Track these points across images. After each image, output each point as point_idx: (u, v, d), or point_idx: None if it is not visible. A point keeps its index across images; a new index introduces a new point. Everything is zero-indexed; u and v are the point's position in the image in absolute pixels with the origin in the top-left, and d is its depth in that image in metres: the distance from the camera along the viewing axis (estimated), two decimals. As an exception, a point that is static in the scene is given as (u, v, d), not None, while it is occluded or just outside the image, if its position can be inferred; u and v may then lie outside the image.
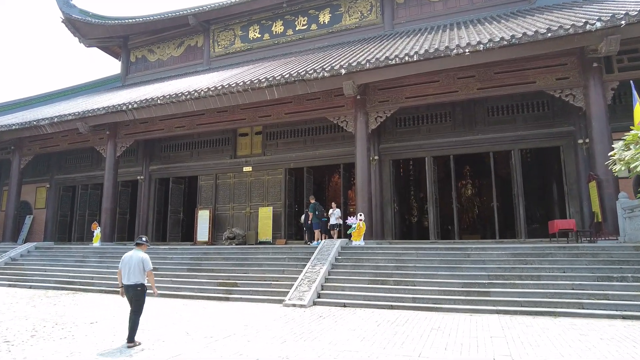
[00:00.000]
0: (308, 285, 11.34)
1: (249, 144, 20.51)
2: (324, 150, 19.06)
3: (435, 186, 17.82)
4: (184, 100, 17.44)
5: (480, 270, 11.26)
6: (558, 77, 14.81)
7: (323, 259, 12.51)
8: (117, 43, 26.74)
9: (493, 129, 17.22)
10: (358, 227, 15.41)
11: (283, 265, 13.34)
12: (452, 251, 12.34)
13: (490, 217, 24.59)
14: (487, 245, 12.59)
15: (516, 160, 16.85)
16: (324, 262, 12.38)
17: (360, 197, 16.28)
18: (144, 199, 21.57)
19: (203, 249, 15.70)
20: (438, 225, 17.72)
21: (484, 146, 17.31)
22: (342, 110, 17.03)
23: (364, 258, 12.76)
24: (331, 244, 13.47)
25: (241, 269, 13.37)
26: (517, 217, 16.74)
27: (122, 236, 22.27)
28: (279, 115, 17.89)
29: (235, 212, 20.12)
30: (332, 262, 12.64)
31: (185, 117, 19.25)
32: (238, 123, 18.55)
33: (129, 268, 7.38)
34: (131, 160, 22.53)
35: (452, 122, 17.80)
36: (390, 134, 18.40)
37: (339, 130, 19.00)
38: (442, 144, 17.64)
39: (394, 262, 12.31)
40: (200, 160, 21.13)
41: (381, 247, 13.55)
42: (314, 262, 12.45)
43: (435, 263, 11.92)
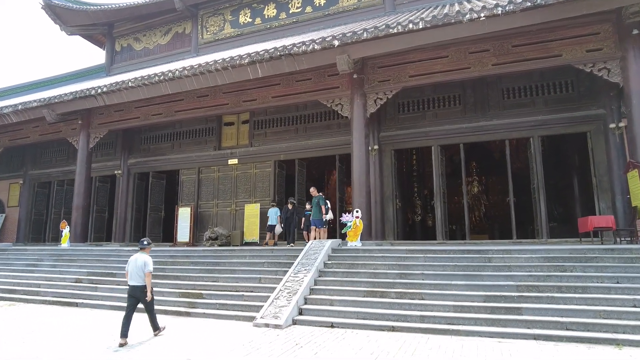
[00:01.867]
0: (287, 299, 8.57)
1: (235, 134, 17.77)
2: (317, 140, 16.29)
3: (442, 179, 15.02)
4: (157, 82, 14.76)
5: (507, 279, 8.48)
6: (589, 48, 12.03)
7: (308, 265, 9.75)
8: (101, 31, 24.06)
9: (509, 114, 14.40)
10: (354, 225, 12.68)
11: (260, 271, 10.60)
12: (467, 254, 9.56)
13: (499, 216, 22.11)
14: (511, 247, 9.76)
15: (536, 148, 14.04)
16: (309, 268, 9.62)
17: (357, 192, 13.51)
18: (122, 195, 18.87)
19: (173, 252, 12.98)
20: (446, 223, 14.90)
21: (499, 133, 14.50)
22: (337, 92, 14.28)
23: (360, 263, 9.99)
24: (320, 246, 10.70)
25: (211, 276, 10.64)
26: (537, 214, 13.95)
27: (99, 236, 19.57)
28: (265, 99, 15.15)
29: (219, 209, 17.37)
30: (320, 268, 9.90)
31: (163, 104, 16.56)
32: (220, 109, 15.82)
33: (133, 270, 7.70)
34: (110, 154, 19.85)
35: (462, 106, 15.00)
36: (392, 120, 15.62)
37: (334, 117, 16.27)
38: (450, 131, 14.83)
39: (396, 269, 9.54)
40: (182, 152, 18.42)
41: (381, 249, 10.77)
42: (297, 269, 9.70)
43: (448, 270, 9.15)
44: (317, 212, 13.51)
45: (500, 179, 21.90)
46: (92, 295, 11.10)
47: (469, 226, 14.96)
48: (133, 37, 23.87)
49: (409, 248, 10.34)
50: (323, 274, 9.78)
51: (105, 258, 13.33)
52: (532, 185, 14.32)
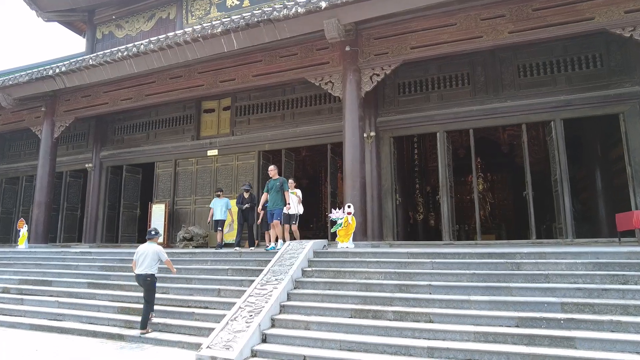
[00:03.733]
0: (247, 320, 6.05)
1: (215, 122, 15.27)
2: (306, 127, 13.76)
3: (449, 170, 12.50)
4: (120, 58, 12.30)
5: (545, 293, 5.97)
6: (628, 9, 9.50)
7: (281, 273, 7.23)
8: (81, 18, 21.58)
9: (526, 94, 11.86)
10: (345, 223, 10.19)
11: (221, 281, 8.10)
12: (488, 259, 7.02)
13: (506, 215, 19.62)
14: (544, 250, 7.16)
15: (558, 133, 11.50)
16: (281, 277, 7.10)
17: (349, 183, 10.99)
18: (93, 191, 16.36)
19: (127, 254, 10.36)
20: (453, 221, 12.36)
21: (515, 116, 11.94)
22: (327, 68, 11.78)
23: (348, 271, 7.44)
24: (298, 249, 8.15)
25: (160, 287, 8.05)
26: (560, 211, 11.42)
27: (71, 236, 17.08)
28: (245, 78, 12.64)
29: (197, 206, 14.84)
30: (297, 277, 7.39)
31: (133, 87, 14.07)
32: (195, 91, 13.31)
33: (144, 258, 7.48)
34: (82, 146, 17.36)
35: (471, 86, 12.46)
36: (391, 103, 13.08)
37: (326, 101, 13.77)
38: (458, 115, 12.29)
39: (395, 278, 7.02)
40: (157, 143, 15.91)
41: (376, 252, 8.19)
42: (266, 278, 7.18)
43: (464, 280, 6.62)
44: (279, 199, 10.32)
45: (506, 176, 19.54)
46: (14, 310, 8.58)
47: (479, 224, 12.39)
48: (115, 24, 21.33)
49: (411, 251, 7.75)
50: (300, 285, 7.26)
51: (46, 262, 10.75)
52: (554, 177, 11.81)
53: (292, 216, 10.59)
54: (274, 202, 10.33)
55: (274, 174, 10.84)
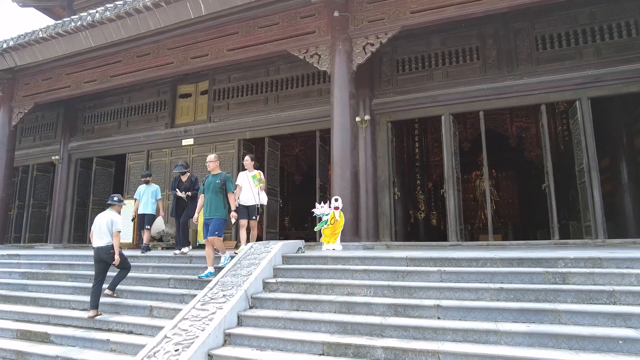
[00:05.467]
0: (172, 357, 3.85)
1: (192, 108, 13.15)
2: (293, 112, 11.62)
3: (456, 159, 10.37)
4: (74, 30, 10.25)
5: (615, 321, 3.89)
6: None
7: (232, 286, 5.11)
8: (60, 3, 19.49)
9: (545, 69, 9.72)
10: (332, 220, 8.10)
11: (157, 295, 6.08)
12: (516, 266, 4.89)
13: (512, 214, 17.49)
14: (600, 255, 4.93)
15: (584, 114, 9.39)
16: (230, 293, 4.99)
17: (338, 173, 8.89)
18: (60, 186, 14.26)
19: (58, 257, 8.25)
20: (461, 219, 10.21)
21: (532, 95, 9.78)
22: (312, 38, 9.68)
23: (326, 283, 5.31)
24: (262, 252, 5.97)
25: (82, 301, 5.93)
26: (588, 206, 9.27)
27: (37, 236, 14.97)
28: (219, 53, 10.53)
29: (171, 202, 12.63)
30: (255, 292, 5.27)
31: (97, 68, 11.97)
32: (164, 69, 11.22)
33: (99, 229, 6.64)
34: (49, 137, 15.25)
35: (480, 61, 10.31)
36: (388, 82, 10.93)
37: (314, 81, 11.68)
38: (466, 95, 10.13)
39: (389, 294, 4.91)
40: (129, 132, 13.79)
41: (366, 256, 5.98)
42: (210, 294, 5.07)
43: (486, 297, 4.52)
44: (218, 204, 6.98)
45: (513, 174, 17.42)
46: None
47: (491, 220, 10.20)
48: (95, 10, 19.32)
49: (412, 255, 5.58)
50: (257, 303, 5.13)
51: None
52: (579, 167, 9.69)
53: (251, 209, 8.01)
54: (210, 208, 6.94)
55: (214, 166, 7.42)
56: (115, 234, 6.62)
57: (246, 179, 8.06)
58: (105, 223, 6.63)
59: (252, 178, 8.08)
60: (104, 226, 6.62)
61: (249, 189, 7.97)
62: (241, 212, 7.75)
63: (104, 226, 6.62)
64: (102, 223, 6.66)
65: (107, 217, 6.70)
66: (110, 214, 6.80)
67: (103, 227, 6.62)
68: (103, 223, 6.65)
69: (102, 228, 6.62)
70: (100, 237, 6.58)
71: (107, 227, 6.60)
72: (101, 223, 6.67)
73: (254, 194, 7.98)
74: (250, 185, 7.97)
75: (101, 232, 6.59)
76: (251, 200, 7.97)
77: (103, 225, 6.63)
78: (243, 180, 8.08)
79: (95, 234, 6.68)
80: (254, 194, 7.99)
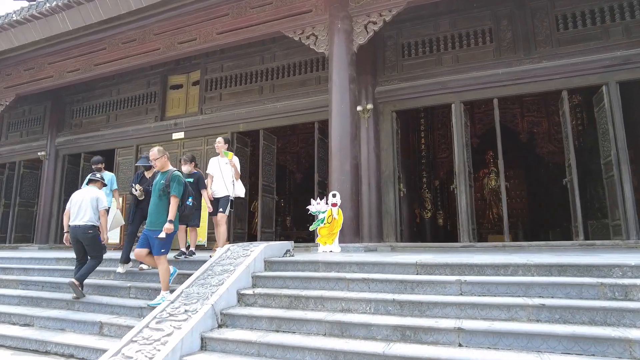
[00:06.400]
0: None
1: (183, 100, 12.04)
2: (289, 102, 10.49)
3: (467, 152, 9.21)
4: (49, 11, 9.21)
5: None
6: None
7: (198, 299, 3.99)
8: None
9: (567, 52, 8.55)
10: (329, 218, 6.97)
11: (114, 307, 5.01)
12: (557, 275, 3.72)
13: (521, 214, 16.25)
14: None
15: (612, 100, 8.23)
16: (194, 308, 3.81)
17: (336, 166, 7.76)
18: (47, 183, 13.22)
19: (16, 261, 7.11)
20: (473, 217, 9.04)
21: (552, 80, 8.60)
22: (309, 17, 8.57)
23: (314, 296, 4.13)
24: (240, 256, 4.79)
25: (26, 315, 4.82)
26: (618, 202, 8.07)
27: (24, 236, 13.94)
28: (208, 36, 9.44)
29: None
30: (226, 306, 4.13)
31: (81, 57, 10.93)
32: (150, 56, 10.16)
33: (79, 207, 5.83)
34: (36, 132, 14.19)
35: (494, 44, 9.15)
36: (393, 68, 9.77)
37: (312, 68, 10.57)
38: (479, 81, 8.97)
39: (395, 311, 3.76)
40: (118, 126, 12.71)
41: (366, 261, 4.76)
42: (170, 308, 3.89)
43: (521, 317, 3.36)
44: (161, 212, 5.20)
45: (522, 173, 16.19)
46: None
47: (507, 219, 8.97)
48: None
49: (423, 260, 4.38)
50: (228, 320, 4.01)
51: None
52: (605, 159, 8.55)
53: (222, 201, 6.63)
54: (152, 216, 5.26)
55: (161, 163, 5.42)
56: (102, 212, 5.93)
57: (217, 165, 6.79)
58: (90, 200, 5.87)
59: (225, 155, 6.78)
60: (86, 203, 5.86)
61: (221, 177, 6.71)
62: (214, 206, 6.63)
63: (86, 203, 5.86)
64: (85, 199, 5.89)
65: (92, 194, 5.94)
66: (94, 190, 6.04)
67: (85, 203, 5.86)
68: (86, 199, 5.88)
69: (83, 205, 5.86)
70: (78, 215, 5.80)
71: (91, 204, 5.85)
72: (83, 199, 5.89)
73: (226, 184, 6.66)
74: (222, 174, 6.72)
75: (81, 209, 5.83)
76: (222, 191, 6.68)
77: (86, 202, 5.86)
78: (214, 168, 6.84)
79: (73, 211, 5.88)
80: (226, 184, 6.66)
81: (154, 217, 5.18)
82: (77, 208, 5.87)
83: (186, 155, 7.41)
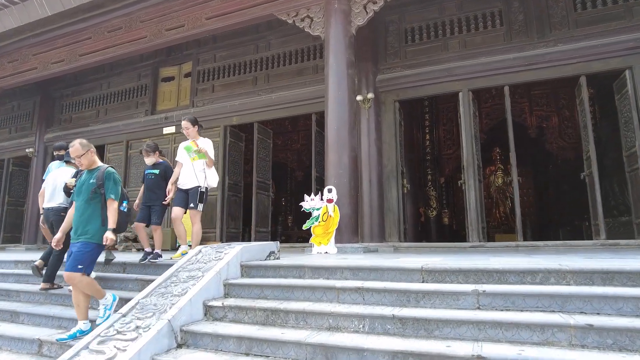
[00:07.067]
0: None
1: (174, 93, 11.27)
2: (285, 93, 9.68)
3: (476, 144, 8.35)
4: (26, -5, 8.37)
5: None
6: None
7: (153, 313, 3.14)
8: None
9: (586, 33, 7.69)
10: (324, 216, 6.15)
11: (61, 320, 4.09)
12: (596, 284, 2.86)
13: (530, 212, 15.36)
14: None
15: (637, 86, 7.36)
16: (148, 323, 3.00)
17: (333, 159, 6.95)
18: (35, 181, 12.47)
19: None
20: (483, 215, 8.20)
21: (569, 65, 7.75)
22: (302, -2, 7.70)
23: (295, 310, 3.27)
24: (210, 259, 3.97)
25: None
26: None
27: (14, 236, 13.23)
28: (196, 22, 8.65)
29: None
30: (189, 321, 3.30)
31: (66, 47, 10.17)
32: (136, 44, 9.39)
33: (54, 188, 5.34)
34: (25, 128, 13.48)
35: (505, 27, 8.30)
36: (395, 55, 8.94)
37: (309, 57, 9.78)
38: (488, 67, 8.12)
39: (395, 331, 2.92)
40: (108, 121, 11.97)
41: (363, 266, 3.83)
42: (120, 324, 3.08)
43: (561, 341, 2.53)
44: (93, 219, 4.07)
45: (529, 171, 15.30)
46: None
47: (520, 217, 8.09)
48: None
49: (430, 265, 3.51)
50: (190, 339, 3.21)
51: None
52: (628, 151, 7.76)
53: (191, 193, 5.57)
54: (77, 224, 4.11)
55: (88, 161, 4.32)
56: None
57: (184, 153, 5.81)
58: (63, 182, 5.32)
59: (186, 150, 5.76)
60: (60, 184, 5.31)
61: (190, 165, 5.68)
62: (176, 198, 5.59)
63: (60, 184, 5.31)
64: (58, 181, 5.37)
65: (66, 175, 5.37)
66: (69, 171, 5.49)
67: (60, 185, 5.31)
68: (59, 181, 5.35)
69: (58, 187, 5.33)
70: (52, 197, 5.34)
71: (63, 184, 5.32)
72: (56, 181, 5.38)
73: (195, 173, 5.61)
74: (191, 166, 5.71)
75: (55, 191, 5.34)
76: (189, 182, 5.62)
77: (59, 184, 5.32)
78: (182, 155, 5.82)
79: (48, 193, 5.41)
80: (195, 172, 5.62)
81: (83, 225, 4.00)
82: (52, 189, 5.39)
83: (147, 144, 6.12)
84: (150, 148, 5.95)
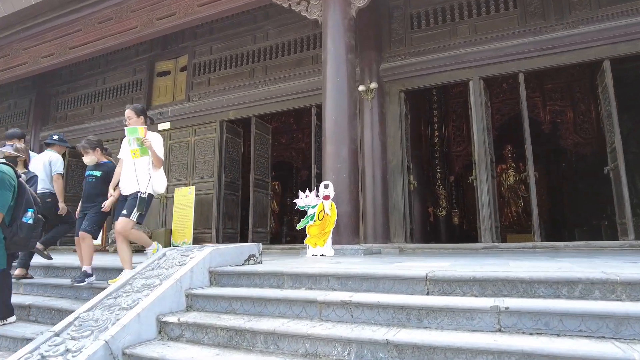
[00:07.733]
0: None
1: (170, 87, 10.64)
2: (283, 85, 9.00)
3: (489, 136, 7.58)
4: (8, -18, 7.80)
5: None
6: None
7: (92, 331, 2.44)
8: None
9: (610, 13, 6.92)
10: (320, 214, 5.41)
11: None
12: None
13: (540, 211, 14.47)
14: None
15: (668, 71, 6.46)
16: (80, 345, 2.30)
17: (331, 151, 6.25)
18: (31, 181, 11.92)
19: None
20: (496, 214, 7.43)
21: (591, 48, 6.97)
22: (299, -20, 7.02)
23: (265, 331, 2.50)
24: (173, 264, 3.26)
25: None
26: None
27: (11, 237, 12.63)
28: (188, 10, 8.01)
29: (144, 196, 10.17)
30: (136, 341, 2.62)
31: (55, 40, 9.63)
32: (127, 35, 8.78)
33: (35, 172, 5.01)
34: (21, 126, 12.89)
35: (519, 10, 7.53)
36: (401, 42, 8.20)
37: (309, 46, 9.08)
38: (501, 52, 7.36)
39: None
40: (102, 118, 11.40)
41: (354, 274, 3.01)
42: (48, 346, 2.38)
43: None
44: None
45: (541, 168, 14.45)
46: None
47: (537, 216, 7.30)
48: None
49: (436, 274, 2.76)
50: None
51: None
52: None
53: (129, 200, 4.27)
54: None
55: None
56: (56, 177, 5.26)
57: (127, 147, 4.41)
58: (42, 165, 5.26)
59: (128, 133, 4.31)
60: (39, 168, 5.19)
61: (132, 165, 4.32)
62: (119, 206, 4.39)
63: (39, 168, 5.19)
64: (38, 165, 5.25)
65: (45, 157, 5.35)
66: (49, 154, 5.43)
67: (39, 170, 5.16)
68: (39, 165, 5.25)
69: (38, 171, 5.10)
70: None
71: (45, 169, 5.23)
72: (36, 165, 5.23)
73: (137, 176, 4.25)
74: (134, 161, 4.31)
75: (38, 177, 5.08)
76: (130, 186, 4.33)
77: (39, 168, 5.19)
78: (125, 151, 4.50)
79: None
80: (137, 174, 4.25)
81: None
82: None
83: (87, 139, 4.90)
84: (89, 144, 4.81)
